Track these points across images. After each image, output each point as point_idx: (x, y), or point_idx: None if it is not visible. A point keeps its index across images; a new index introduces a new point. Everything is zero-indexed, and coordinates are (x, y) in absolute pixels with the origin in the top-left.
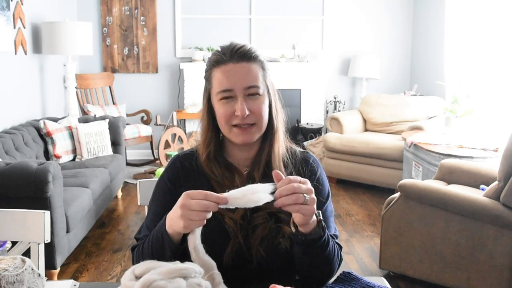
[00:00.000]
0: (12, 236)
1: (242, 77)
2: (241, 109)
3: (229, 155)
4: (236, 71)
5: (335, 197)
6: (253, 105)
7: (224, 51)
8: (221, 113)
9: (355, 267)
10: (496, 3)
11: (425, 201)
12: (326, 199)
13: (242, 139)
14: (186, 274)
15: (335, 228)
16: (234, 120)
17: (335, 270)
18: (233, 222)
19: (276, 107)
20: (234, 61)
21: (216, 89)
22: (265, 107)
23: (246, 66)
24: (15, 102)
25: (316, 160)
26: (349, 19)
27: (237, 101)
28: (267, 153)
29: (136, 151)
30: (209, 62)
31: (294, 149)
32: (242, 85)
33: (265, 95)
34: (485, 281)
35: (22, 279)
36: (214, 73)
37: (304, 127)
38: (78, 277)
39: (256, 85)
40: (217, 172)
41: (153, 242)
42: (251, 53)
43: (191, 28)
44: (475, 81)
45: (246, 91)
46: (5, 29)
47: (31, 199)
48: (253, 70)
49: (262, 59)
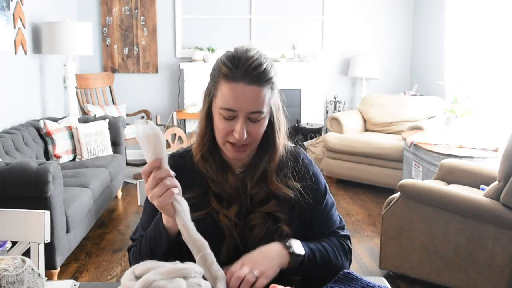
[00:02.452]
0: (12, 236)
1: (250, 102)
2: (240, 133)
3: (224, 154)
4: (245, 93)
5: (335, 197)
6: (253, 128)
7: (237, 65)
8: (219, 128)
9: (355, 267)
10: (496, 3)
11: (425, 201)
12: (324, 194)
13: (234, 156)
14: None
15: (340, 218)
16: (231, 138)
17: (340, 266)
18: (228, 219)
19: (279, 125)
20: (246, 82)
21: (219, 103)
22: (263, 129)
23: (256, 91)
24: (15, 102)
25: (307, 157)
26: (349, 19)
27: (238, 123)
28: (264, 166)
29: (136, 151)
30: (219, 71)
31: (287, 145)
32: (247, 109)
33: (266, 117)
34: (485, 281)
35: (22, 279)
36: (221, 86)
37: (304, 127)
38: (78, 277)
39: (261, 111)
40: (211, 169)
41: (150, 238)
42: (265, 76)
43: (191, 28)
44: (475, 81)
45: (249, 115)
46: (5, 29)
47: (31, 199)
48: (262, 95)
49: (274, 81)
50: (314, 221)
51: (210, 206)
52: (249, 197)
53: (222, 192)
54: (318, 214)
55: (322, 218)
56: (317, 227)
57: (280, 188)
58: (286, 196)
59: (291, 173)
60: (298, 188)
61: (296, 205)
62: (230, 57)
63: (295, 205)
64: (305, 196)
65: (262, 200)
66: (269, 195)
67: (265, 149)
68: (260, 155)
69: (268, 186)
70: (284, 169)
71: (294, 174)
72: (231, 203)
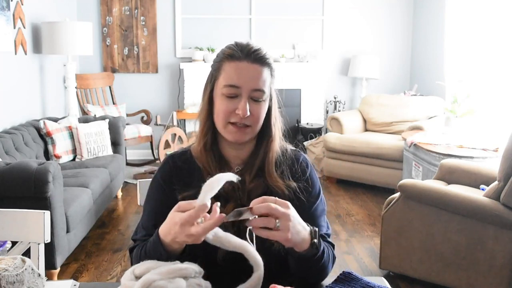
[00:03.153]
0: (12, 236)
1: (253, 78)
2: (244, 109)
3: (222, 150)
4: (249, 70)
5: (335, 197)
6: (255, 108)
7: (241, 48)
8: (222, 108)
9: (355, 267)
10: (496, 3)
11: (425, 201)
12: (316, 198)
13: (235, 137)
14: (186, 274)
15: (327, 226)
16: (233, 118)
17: (329, 272)
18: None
19: (275, 116)
20: (249, 60)
21: (223, 81)
22: (264, 113)
23: (259, 69)
24: (15, 102)
25: (306, 159)
26: (349, 19)
27: (241, 101)
28: (261, 159)
29: (136, 151)
30: (222, 54)
31: (286, 147)
32: (250, 86)
33: (266, 101)
34: (485, 281)
35: (22, 279)
36: (225, 66)
37: (304, 127)
38: (78, 277)
39: (262, 90)
40: (211, 163)
41: (151, 255)
42: (266, 58)
43: (191, 28)
44: (475, 81)
45: (251, 93)
46: (5, 29)
47: (31, 199)
48: (264, 75)
49: (273, 67)
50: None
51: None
52: (247, 194)
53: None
54: (306, 215)
55: (309, 220)
56: None
57: (277, 181)
58: (282, 194)
59: (288, 172)
60: (293, 187)
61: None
62: (233, 44)
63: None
64: (299, 197)
65: (258, 197)
66: (266, 193)
67: (262, 142)
68: (258, 149)
69: (266, 181)
70: (282, 167)
71: (291, 174)
72: (228, 200)
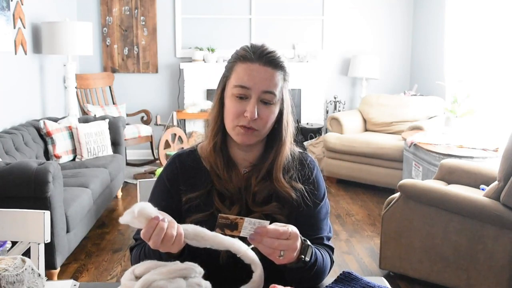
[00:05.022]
0: (12, 236)
1: (263, 80)
2: (252, 111)
3: (231, 151)
4: (260, 72)
5: (335, 197)
6: (263, 112)
7: (254, 50)
8: (231, 110)
9: (355, 267)
10: (496, 3)
11: (425, 201)
12: (321, 200)
13: (242, 139)
14: (186, 274)
15: (330, 229)
16: (241, 121)
17: (325, 278)
18: None
19: (287, 120)
20: (261, 62)
21: (234, 82)
22: (273, 117)
23: (270, 72)
24: (15, 102)
25: (313, 161)
26: (349, 19)
27: (250, 103)
28: (270, 163)
29: (136, 151)
30: (236, 55)
31: (293, 150)
32: (260, 88)
33: (277, 105)
34: (485, 281)
35: (22, 279)
36: (237, 67)
37: (304, 127)
38: (78, 277)
39: (273, 92)
40: (219, 164)
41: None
42: (279, 61)
43: (191, 28)
44: (475, 81)
45: (261, 95)
46: (5, 29)
47: (31, 199)
48: (275, 78)
49: (287, 71)
50: (304, 222)
51: (214, 206)
52: (252, 196)
53: (225, 191)
54: (309, 216)
55: (311, 220)
56: (305, 228)
57: (284, 187)
58: (288, 198)
59: (296, 176)
60: (301, 190)
61: (296, 209)
62: (247, 46)
63: (296, 208)
64: (306, 200)
65: (264, 199)
66: (272, 195)
67: (272, 146)
68: (266, 153)
69: (273, 184)
70: (291, 171)
71: (299, 177)
72: (233, 202)
